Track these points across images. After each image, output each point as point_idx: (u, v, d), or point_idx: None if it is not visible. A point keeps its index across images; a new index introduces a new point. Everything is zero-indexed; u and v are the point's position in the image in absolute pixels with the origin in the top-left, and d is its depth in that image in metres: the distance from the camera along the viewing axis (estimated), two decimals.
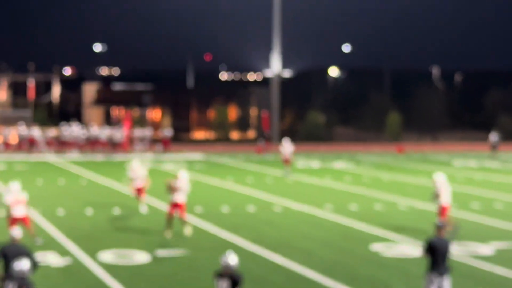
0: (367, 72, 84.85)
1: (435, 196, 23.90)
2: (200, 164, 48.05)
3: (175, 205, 23.51)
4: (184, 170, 25.27)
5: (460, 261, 19.98)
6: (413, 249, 21.47)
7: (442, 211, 23.75)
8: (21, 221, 22.11)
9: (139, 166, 28.73)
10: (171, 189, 23.55)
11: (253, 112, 79.56)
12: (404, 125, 74.73)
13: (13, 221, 22.08)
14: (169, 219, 23.45)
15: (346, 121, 78.93)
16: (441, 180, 24.09)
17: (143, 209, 28.32)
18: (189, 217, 23.50)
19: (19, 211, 22.11)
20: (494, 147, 58.19)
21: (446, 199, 23.79)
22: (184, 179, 23.62)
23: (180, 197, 23.54)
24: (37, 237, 22.41)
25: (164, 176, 40.97)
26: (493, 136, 59.14)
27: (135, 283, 17.75)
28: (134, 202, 29.77)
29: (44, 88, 79.42)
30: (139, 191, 28.32)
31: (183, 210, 23.52)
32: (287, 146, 42.86)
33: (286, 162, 42.49)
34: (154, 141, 60.67)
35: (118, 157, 52.99)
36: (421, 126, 76.86)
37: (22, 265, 13.16)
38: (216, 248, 21.35)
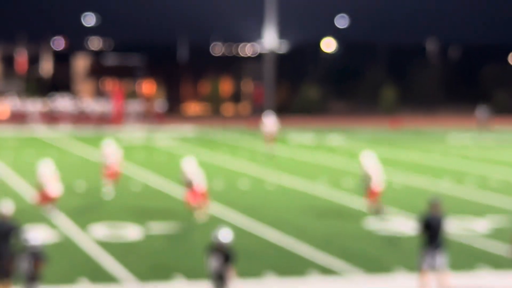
0: (361, 45, 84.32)
1: (365, 178, 22.43)
2: (193, 140, 47.80)
3: (193, 193, 21.99)
4: (187, 159, 24.06)
5: (456, 237, 19.82)
6: (406, 225, 21.30)
7: (372, 194, 22.38)
8: (53, 199, 21.96)
9: (112, 148, 26.30)
10: (188, 186, 22.14)
11: (247, 85, 79.13)
12: (399, 99, 74.47)
13: (46, 199, 21.76)
14: (189, 206, 22.19)
15: (341, 95, 78.57)
16: (369, 160, 22.55)
17: (108, 193, 25.71)
18: (181, 193, 23.24)
19: (52, 189, 21.86)
20: (482, 122, 57.57)
21: (376, 180, 22.38)
22: (191, 169, 22.05)
23: (198, 186, 21.98)
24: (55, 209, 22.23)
25: (156, 152, 40.70)
26: (481, 111, 58.53)
27: (128, 259, 17.57)
28: (125, 178, 29.47)
29: (34, 60, 78.76)
30: (111, 175, 25.95)
31: (204, 198, 22.25)
32: (269, 124, 39.84)
33: (270, 140, 39.40)
34: (146, 115, 60.32)
35: (110, 131, 52.65)
36: (416, 101, 76.56)
37: (34, 239, 13.08)
38: (208, 224, 21.16)
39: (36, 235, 13.25)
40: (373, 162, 22.69)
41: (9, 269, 13.69)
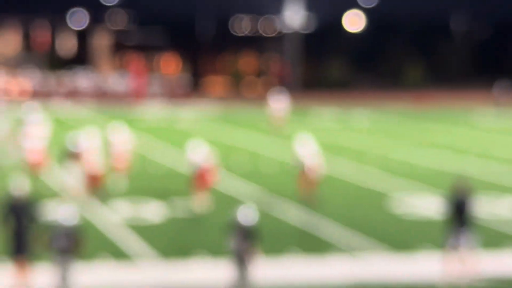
0: (387, 21, 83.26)
1: (298, 165, 20.88)
2: (214, 118, 47.65)
3: (201, 175, 20.49)
4: (193, 144, 23.29)
5: (481, 217, 19.58)
6: (431, 206, 21.07)
7: (306, 180, 20.59)
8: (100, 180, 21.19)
9: (121, 135, 23.29)
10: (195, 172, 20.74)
11: (270, 61, 78.64)
12: (425, 76, 73.79)
13: (94, 180, 20.95)
14: (198, 191, 20.65)
15: (366, 72, 77.84)
16: (304, 146, 21.04)
17: (119, 186, 22.66)
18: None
19: (95, 166, 21.08)
20: (500, 99, 56.51)
21: (309, 163, 20.75)
22: (198, 154, 20.73)
23: (206, 172, 20.55)
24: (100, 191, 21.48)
25: (178, 132, 40.61)
26: (500, 88, 57.44)
27: (149, 237, 17.54)
28: (147, 161, 29.34)
29: (54, 35, 78.54)
30: (118, 168, 22.93)
31: (209, 182, 20.75)
32: (276, 107, 36.23)
33: (278, 122, 36.11)
34: (168, 92, 60.09)
35: (131, 108, 52.55)
36: (442, 78, 75.70)
37: (68, 219, 13.11)
38: (231, 204, 21.04)
39: (69, 215, 13.25)
40: (310, 148, 21.18)
41: (28, 248, 13.67)
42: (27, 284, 13.68)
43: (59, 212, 13.53)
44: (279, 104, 37.68)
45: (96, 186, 21.50)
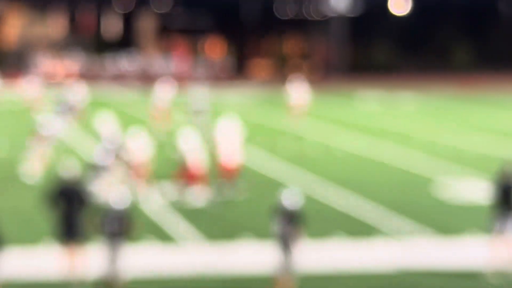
0: (434, 3, 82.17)
1: (179, 156, 19.92)
2: (258, 103, 47.63)
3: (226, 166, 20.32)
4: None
5: None
6: (477, 190, 20.89)
7: (187, 176, 19.72)
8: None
9: (141, 141, 21.28)
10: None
11: (315, 45, 78.36)
12: (472, 60, 72.77)
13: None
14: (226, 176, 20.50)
15: (412, 55, 77.06)
16: (185, 138, 20.07)
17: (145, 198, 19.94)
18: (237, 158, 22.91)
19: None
20: None
21: (192, 159, 19.79)
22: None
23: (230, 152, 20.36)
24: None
25: (221, 117, 40.72)
26: None
27: (195, 220, 17.65)
28: None
29: (99, 18, 79.03)
30: (138, 173, 20.68)
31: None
32: (296, 95, 33.65)
33: (297, 113, 33.37)
34: (212, 76, 60.18)
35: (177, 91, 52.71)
36: (490, 61, 74.63)
37: (117, 203, 13.24)
38: (276, 189, 21.08)
39: (121, 198, 13.38)
40: (192, 144, 20.20)
41: (78, 231, 13.82)
42: (77, 267, 13.84)
43: (110, 196, 13.66)
44: (299, 92, 34.43)
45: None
